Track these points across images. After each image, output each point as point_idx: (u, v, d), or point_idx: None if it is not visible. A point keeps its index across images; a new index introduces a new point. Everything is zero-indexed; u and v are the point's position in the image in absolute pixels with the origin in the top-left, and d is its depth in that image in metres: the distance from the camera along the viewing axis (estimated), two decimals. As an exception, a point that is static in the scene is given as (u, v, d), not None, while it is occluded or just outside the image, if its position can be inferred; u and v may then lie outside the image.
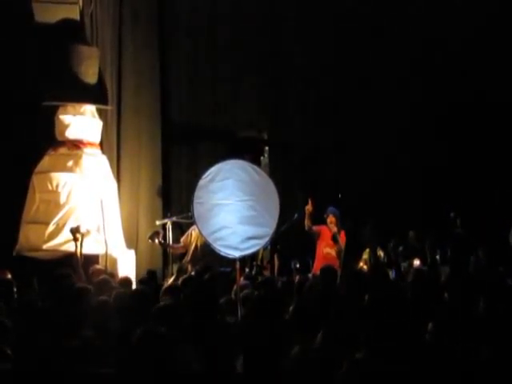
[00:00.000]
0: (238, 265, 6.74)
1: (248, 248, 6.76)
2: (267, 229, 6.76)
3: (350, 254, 8.47)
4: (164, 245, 9.64)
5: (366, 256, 9.71)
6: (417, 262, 9.75)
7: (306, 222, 9.75)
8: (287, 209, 8.71)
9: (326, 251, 9.68)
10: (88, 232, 7.90)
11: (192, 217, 6.88)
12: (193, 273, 7.97)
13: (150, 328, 4.42)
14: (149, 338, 4.30)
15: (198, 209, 6.66)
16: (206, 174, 6.75)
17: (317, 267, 9.39)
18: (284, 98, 12.27)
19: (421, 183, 11.66)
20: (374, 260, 9.09)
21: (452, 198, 10.83)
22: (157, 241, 9.37)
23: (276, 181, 7.07)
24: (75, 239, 7.76)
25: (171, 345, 4.31)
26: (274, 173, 11.59)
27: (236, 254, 6.69)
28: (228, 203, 6.66)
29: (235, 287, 6.59)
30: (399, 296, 5.28)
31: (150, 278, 7.84)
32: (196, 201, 6.66)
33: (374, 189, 11.44)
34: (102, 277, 6.91)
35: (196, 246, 9.09)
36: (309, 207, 9.67)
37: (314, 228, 9.83)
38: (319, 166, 12.03)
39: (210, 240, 6.68)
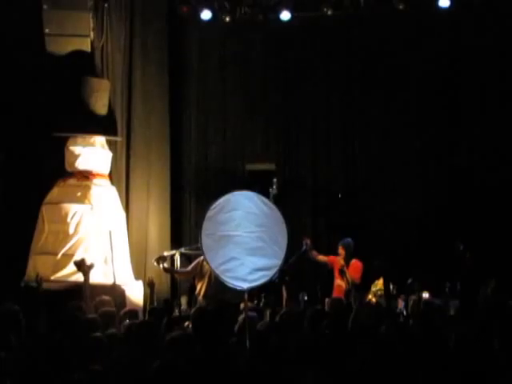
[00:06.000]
0: (246, 296, 6.70)
1: (256, 279, 6.69)
2: (275, 260, 6.71)
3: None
4: (168, 270, 9.63)
5: (374, 289, 9.68)
6: (426, 295, 9.68)
7: (310, 254, 9.83)
8: (295, 240, 8.73)
9: (337, 283, 9.73)
10: (92, 264, 7.85)
11: (200, 248, 6.88)
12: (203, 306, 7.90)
13: (166, 361, 4.41)
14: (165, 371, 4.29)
15: (206, 240, 6.65)
16: (214, 205, 6.75)
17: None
18: (293, 129, 12.32)
19: (430, 216, 11.60)
20: (386, 292, 9.03)
21: (461, 231, 10.77)
22: (161, 266, 9.36)
23: (284, 212, 7.05)
24: (82, 272, 7.73)
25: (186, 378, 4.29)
26: (283, 204, 11.60)
27: (244, 285, 6.65)
28: (236, 234, 6.64)
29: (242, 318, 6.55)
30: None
31: (164, 308, 7.68)
32: (204, 232, 6.66)
33: (384, 222, 11.42)
34: (105, 308, 6.89)
35: (210, 280, 8.97)
36: (306, 241, 9.72)
37: (321, 257, 9.91)
38: (330, 200, 12.03)
39: (218, 272, 6.65)
